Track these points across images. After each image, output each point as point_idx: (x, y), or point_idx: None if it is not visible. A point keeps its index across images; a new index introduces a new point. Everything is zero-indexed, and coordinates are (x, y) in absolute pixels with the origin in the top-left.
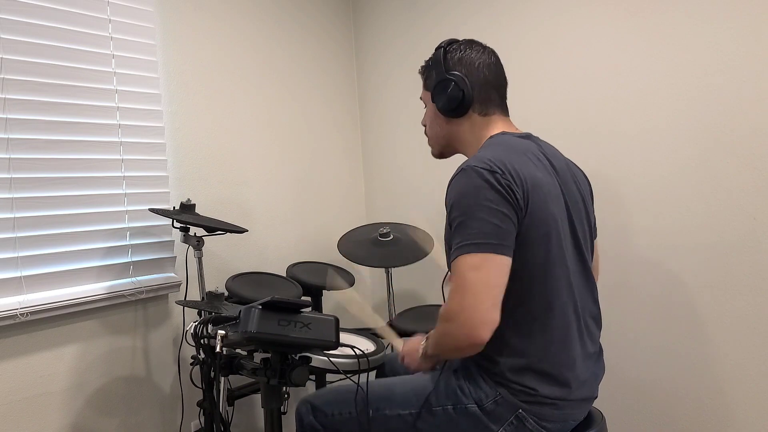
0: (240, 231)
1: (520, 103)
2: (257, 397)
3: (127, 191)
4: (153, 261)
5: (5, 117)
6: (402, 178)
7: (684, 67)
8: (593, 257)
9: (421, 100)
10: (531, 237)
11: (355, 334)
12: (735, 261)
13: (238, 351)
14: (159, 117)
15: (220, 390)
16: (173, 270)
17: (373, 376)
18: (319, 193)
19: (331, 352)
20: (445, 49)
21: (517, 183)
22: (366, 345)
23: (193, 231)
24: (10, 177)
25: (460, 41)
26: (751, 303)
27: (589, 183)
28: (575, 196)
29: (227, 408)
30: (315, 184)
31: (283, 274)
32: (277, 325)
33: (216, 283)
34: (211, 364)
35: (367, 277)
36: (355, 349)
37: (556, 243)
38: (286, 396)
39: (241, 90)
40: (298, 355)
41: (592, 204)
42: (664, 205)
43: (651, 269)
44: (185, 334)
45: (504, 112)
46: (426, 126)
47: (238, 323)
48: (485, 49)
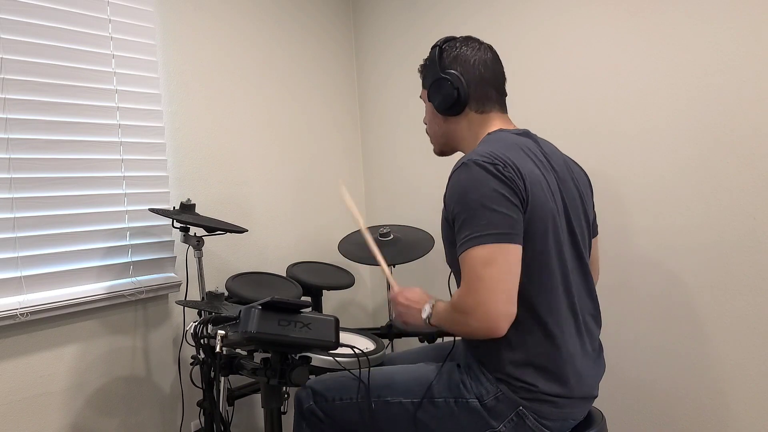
0: (240, 231)
1: (520, 103)
2: (257, 397)
3: (127, 191)
4: (153, 261)
5: (5, 117)
6: (402, 178)
7: (684, 67)
8: (594, 256)
9: (421, 98)
10: (530, 232)
11: (355, 334)
12: (735, 261)
13: (238, 351)
14: (159, 117)
15: (220, 390)
16: (173, 270)
17: None
18: (319, 193)
19: (331, 352)
20: (440, 48)
21: (518, 176)
22: (366, 344)
23: (193, 231)
24: (10, 177)
25: (457, 39)
26: (751, 303)
27: (589, 180)
28: (572, 193)
29: (227, 408)
30: (315, 184)
31: (283, 274)
32: (277, 325)
33: (216, 283)
34: (211, 364)
35: (367, 277)
36: (355, 349)
37: (553, 240)
38: (286, 396)
39: (241, 90)
40: (298, 355)
41: (592, 201)
42: (664, 205)
43: (651, 269)
44: (185, 334)
45: (502, 109)
46: (426, 124)
47: (238, 323)
48: (482, 46)
